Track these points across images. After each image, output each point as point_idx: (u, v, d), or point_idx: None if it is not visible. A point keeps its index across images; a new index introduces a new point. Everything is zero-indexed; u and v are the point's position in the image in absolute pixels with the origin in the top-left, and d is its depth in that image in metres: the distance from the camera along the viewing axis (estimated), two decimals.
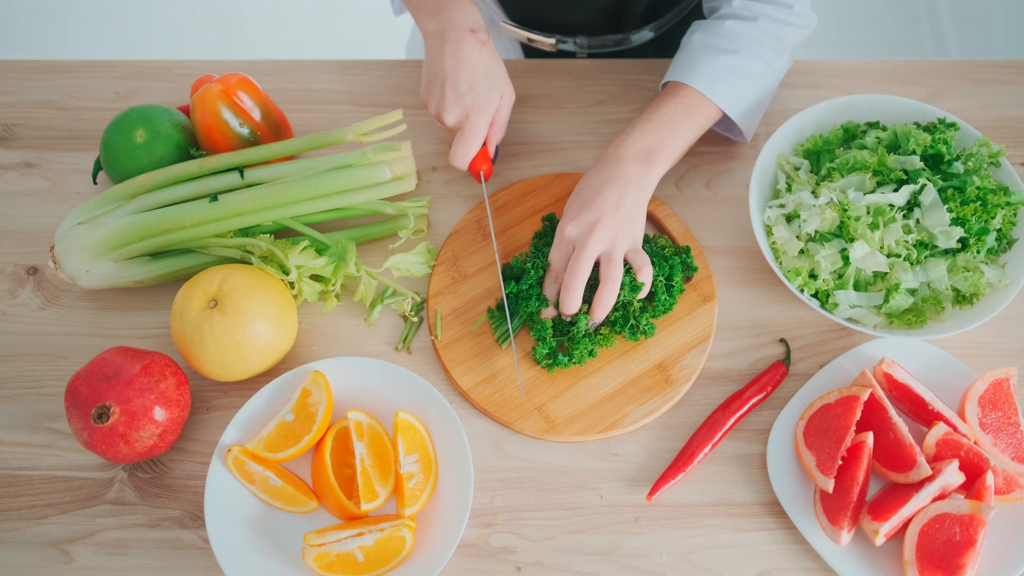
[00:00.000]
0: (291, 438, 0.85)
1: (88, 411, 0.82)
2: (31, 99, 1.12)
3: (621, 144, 0.93)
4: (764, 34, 0.97)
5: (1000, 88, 1.11)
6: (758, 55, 0.96)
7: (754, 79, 0.97)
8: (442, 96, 0.92)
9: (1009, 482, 0.83)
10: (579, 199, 0.91)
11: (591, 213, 0.89)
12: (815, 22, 1.00)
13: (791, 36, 0.99)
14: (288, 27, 2.52)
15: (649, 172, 0.92)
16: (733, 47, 0.95)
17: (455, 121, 0.93)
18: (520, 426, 0.89)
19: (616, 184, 0.90)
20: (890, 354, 0.91)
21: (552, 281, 0.92)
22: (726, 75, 0.95)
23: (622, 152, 0.92)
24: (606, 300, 0.88)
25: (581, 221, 0.89)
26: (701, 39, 0.97)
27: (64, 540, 0.86)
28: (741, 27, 0.96)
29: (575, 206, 0.91)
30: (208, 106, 0.95)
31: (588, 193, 0.91)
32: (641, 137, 0.93)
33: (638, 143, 0.93)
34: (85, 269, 0.92)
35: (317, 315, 0.97)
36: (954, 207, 0.90)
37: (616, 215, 0.89)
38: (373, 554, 0.80)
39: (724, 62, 0.95)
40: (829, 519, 0.81)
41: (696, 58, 0.96)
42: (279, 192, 0.93)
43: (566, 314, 0.90)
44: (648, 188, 0.92)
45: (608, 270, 0.87)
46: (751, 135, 1.02)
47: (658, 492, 0.86)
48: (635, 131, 0.94)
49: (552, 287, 0.91)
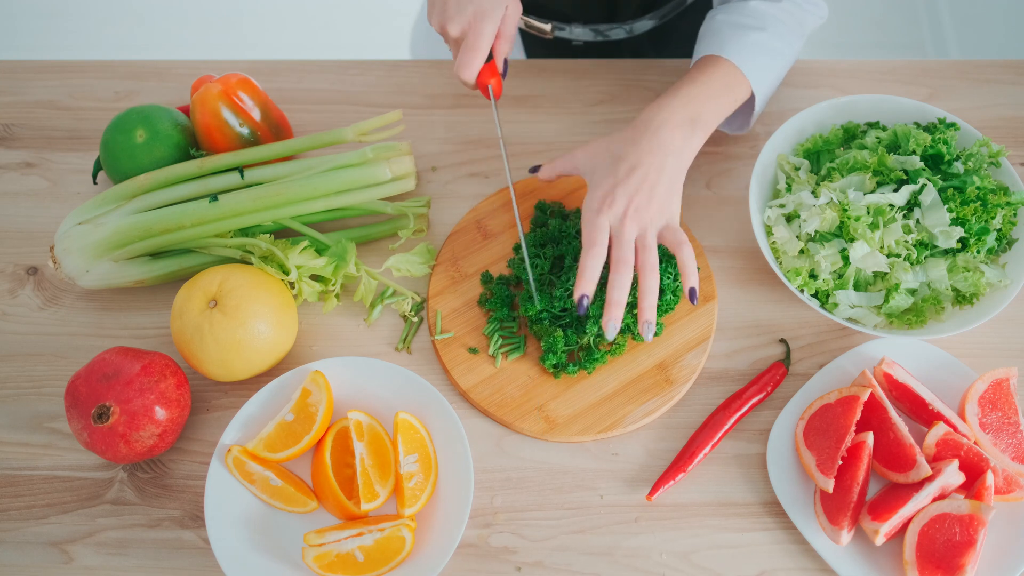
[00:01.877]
0: (291, 438, 0.85)
1: (88, 411, 0.82)
2: (31, 99, 1.12)
3: (663, 109, 0.88)
4: (787, 15, 0.97)
5: (1000, 88, 1.11)
6: (782, 34, 0.95)
7: (779, 58, 0.95)
8: (444, 7, 0.86)
9: (1009, 482, 0.83)
10: (613, 172, 0.85)
11: (626, 190, 0.84)
12: (827, 14, 1.00)
13: (809, 22, 0.99)
14: (288, 27, 2.52)
15: (691, 142, 0.87)
16: (760, 24, 0.94)
17: (459, 31, 0.87)
18: (520, 426, 0.89)
19: (655, 157, 0.85)
20: (890, 354, 0.91)
21: (596, 257, 0.83)
22: (756, 50, 0.93)
23: (665, 118, 0.87)
24: (651, 295, 0.82)
25: (616, 200, 0.84)
26: (725, 19, 0.96)
27: (64, 540, 0.86)
28: (765, 6, 0.96)
29: (607, 180, 0.85)
30: (208, 106, 0.95)
31: (624, 168, 0.85)
32: (686, 104, 0.89)
33: (684, 110, 0.88)
34: (85, 269, 0.92)
35: (317, 315, 0.97)
36: (954, 207, 0.90)
37: (653, 193, 0.84)
38: (373, 554, 0.80)
39: (754, 38, 0.93)
40: (829, 519, 0.81)
41: (725, 34, 0.94)
42: (279, 192, 0.93)
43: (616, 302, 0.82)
44: (688, 159, 0.87)
45: (646, 259, 0.82)
46: (752, 125, 1.01)
47: (658, 492, 0.86)
48: (679, 97, 0.89)
49: (594, 266, 0.83)
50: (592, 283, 0.83)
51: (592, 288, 0.83)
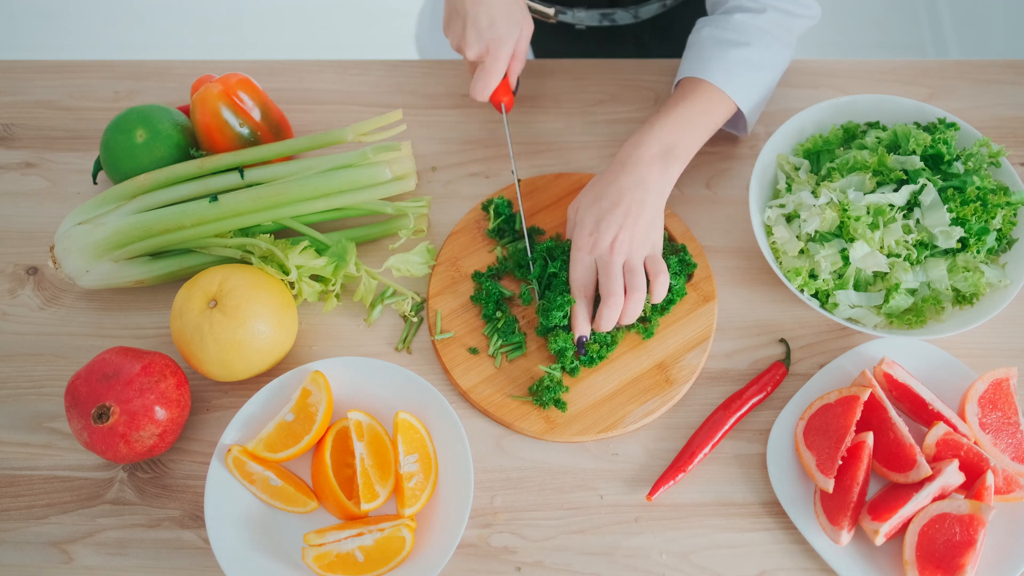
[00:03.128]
0: (291, 438, 0.85)
1: (88, 411, 0.82)
2: (31, 99, 1.12)
3: (640, 144, 0.92)
4: (773, 25, 0.97)
5: (1000, 88, 1.11)
6: (768, 46, 0.96)
7: (766, 70, 0.97)
8: (463, 32, 0.91)
9: (1009, 482, 0.83)
10: (596, 209, 0.90)
11: (610, 226, 0.88)
12: (819, 13, 1.00)
13: (798, 27, 0.99)
14: (288, 27, 2.52)
15: (667, 173, 0.91)
16: (744, 39, 0.95)
17: (476, 55, 0.92)
18: (520, 426, 0.89)
19: (635, 193, 0.89)
20: (890, 354, 0.91)
21: (581, 297, 0.90)
22: (739, 67, 0.95)
23: (641, 153, 0.91)
24: (631, 313, 0.88)
25: (601, 236, 0.88)
26: (710, 34, 0.97)
27: (64, 540, 0.86)
28: (750, 19, 0.96)
29: (591, 217, 0.90)
30: (208, 106, 0.95)
31: (606, 204, 0.90)
32: (659, 136, 0.92)
33: (656, 143, 0.92)
34: (85, 269, 0.92)
35: (317, 315, 0.97)
36: (954, 207, 0.90)
37: (636, 226, 0.89)
38: (373, 554, 0.80)
39: (737, 54, 0.95)
40: (829, 519, 0.81)
41: (708, 52, 0.95)
42: (279, 192, 0.93)
43: (604, 331, 0.89)
44: (666, 191, 0.92)
45: (632, 281, 0.87)
46: (751, 128, 1.02)
47: (658, 492, 0.86)
48: (653, 130, 0.93)
49: (582, 305, 0.89)
50: (586, 324, 0.89)
51: (587, 329, 0.89)
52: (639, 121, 1.09)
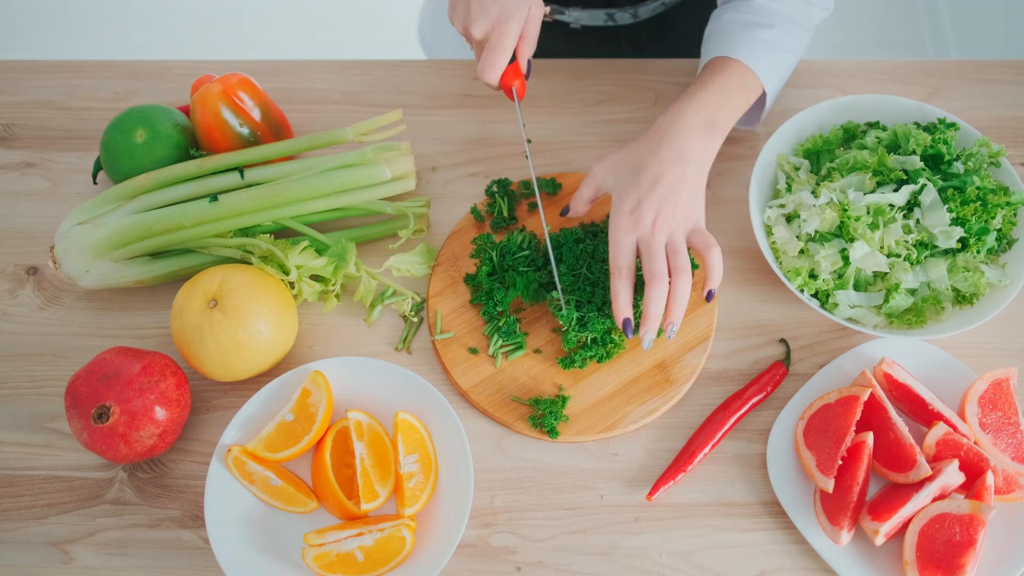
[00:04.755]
0: (291, 438, 0.85)
1: (88, 411, 0.82)
2: (31, 99, 1.12)
3: (680, 115, 0.89)
4: (793, 10, 0.97)
5: (1000, 88, 1.11)
6: (790, 30, 0.96)
7: (788, 53, 0.96)
8: (467, 9, 0.87)
9: (1009, 482, 0.83)
10: (636, 185, 0.86)
11: (652, 204, 0.85)
12: (832, 6, 1.00)
13: (815, 16, 0.99)
14: (288, 27, 2.52)
15: (710, 145, 0.89)
16: (767, 21, 0.95)
17: (483, 33, 0.87)
18: (520, 426, 0.89)
19: (676, 167, 0.86)
20: (890, 354, 0.91)
21: (624, 278, 0.85)
22: (765, 48, 0.94)
23: (683, 124, 0.88)
24: (680, 296, 0.83)
25: (643, 214, 0.85)
26: (733, 17, 0.96)
27: (64, 540, 0.86)
28: (771, 3, 0.96)
29: (632, 194, 0.86)
30: (208, 106, 0.95)
31: (647, 180, 0.86)
32: (700, 108, 0.89)
33: (697, 114, 0.89)
34: (85, 269, 0.92)
35: (317, 315, 0.97)
36: (954, 207, 0.90)
37: (678, 202, 0.85)
38: (373, 554, 0.80)
39: (762, 36, 0.94)
40: (829, 519, 0.81)
41: (733, 34, 0.94)
42: (279, 192, 0.93)
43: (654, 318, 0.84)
44: (707, 164, 0.89)
45: (677, 262, 0.83)
46: (763, 119, 1.01)
47: (658, 492, 0.86)
48: (693, 101, 0.90)
49: (625, 287, 0.85)
50: (629, 305, 0.85)
51: (630, 310, 0.85)
52: (639, 121, 1.09)
